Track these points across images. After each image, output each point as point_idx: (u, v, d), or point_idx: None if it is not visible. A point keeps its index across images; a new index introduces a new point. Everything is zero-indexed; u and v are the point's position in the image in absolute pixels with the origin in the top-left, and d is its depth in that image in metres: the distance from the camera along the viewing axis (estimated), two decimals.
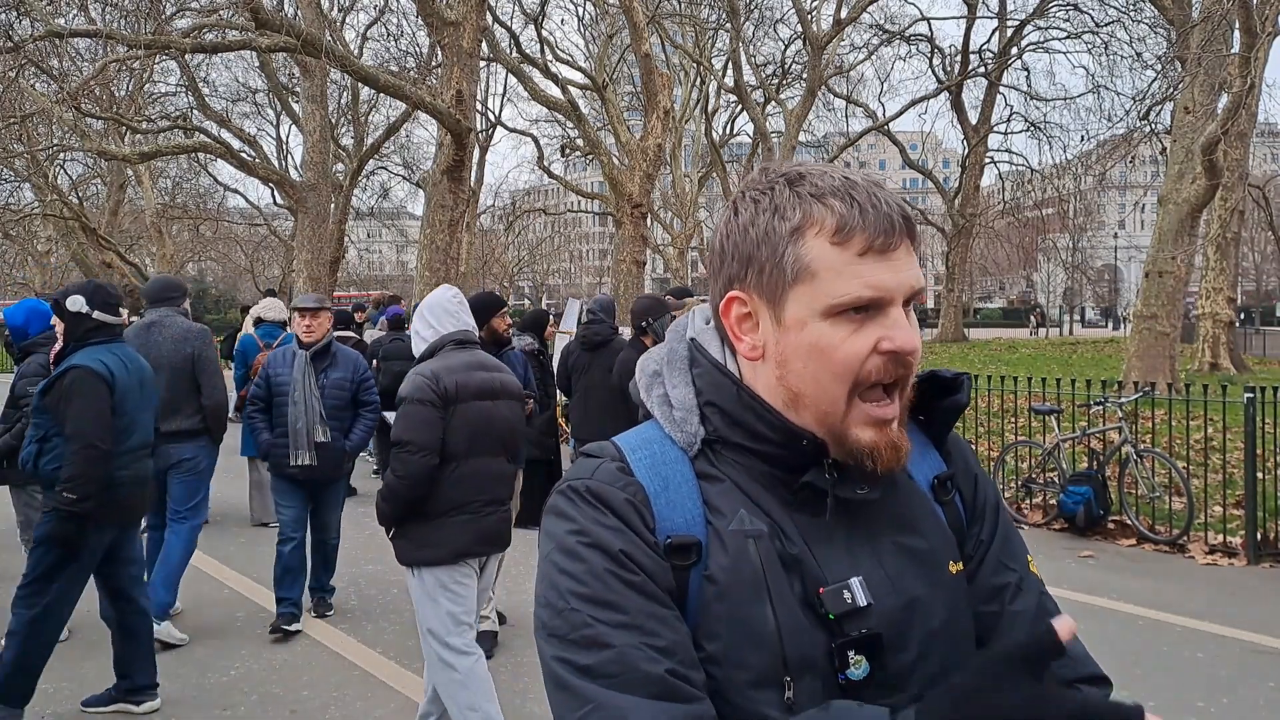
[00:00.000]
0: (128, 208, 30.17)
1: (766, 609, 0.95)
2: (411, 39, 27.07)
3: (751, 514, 1.00)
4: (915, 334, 0.98)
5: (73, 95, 15.60)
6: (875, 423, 0.98)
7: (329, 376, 5.46)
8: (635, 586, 0.95)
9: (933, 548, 1.04)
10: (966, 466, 1.14)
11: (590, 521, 0.98)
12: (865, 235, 0.96)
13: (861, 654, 0.96)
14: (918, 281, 0.99)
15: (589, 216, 66.45)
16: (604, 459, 1.04)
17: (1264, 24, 11.81)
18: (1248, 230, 32.49)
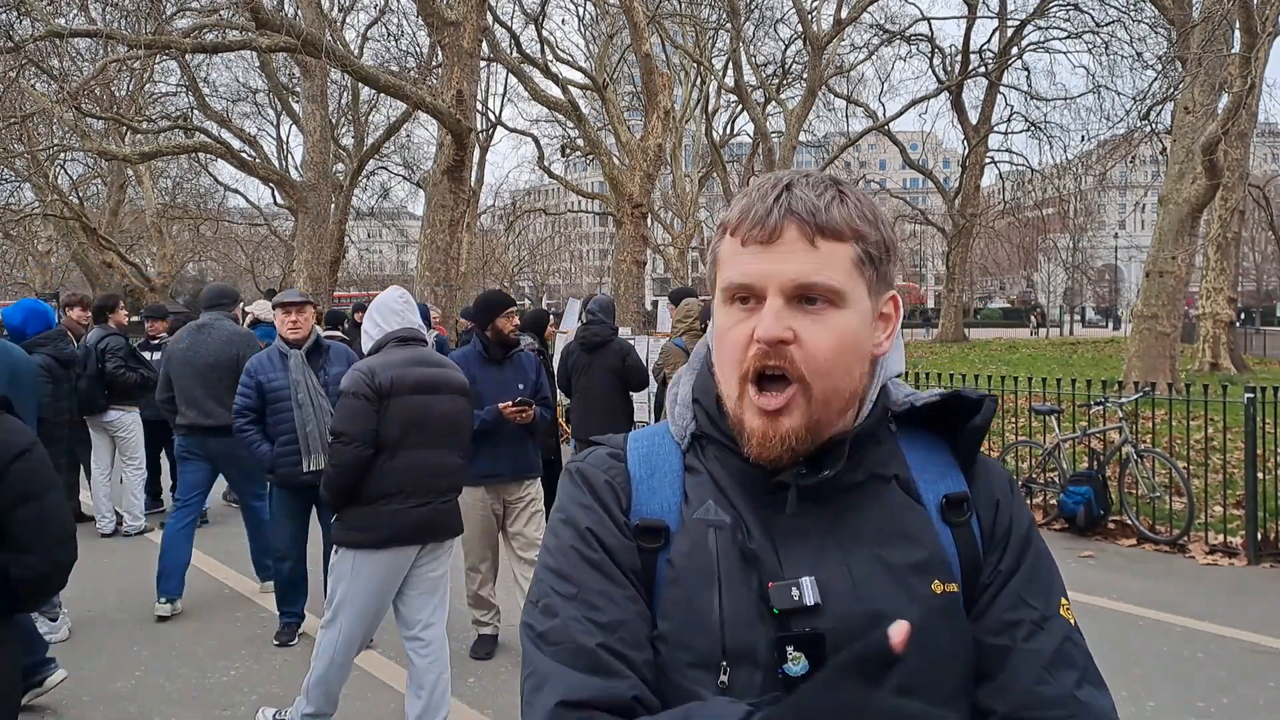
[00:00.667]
0: (128, 208, 30.16)
1: (714, 596, 1.01)
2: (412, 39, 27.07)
3: (720, 506, 1.05)
4: (774, 323, 0.98)
5: (73, 95, 15.60)
6: (760, 412, 1.01)
7: (328, 373, 5.11)
8: (592, 563, 1.04)
9: (915, 563, 1.03)
10: (989, 493, 1.11)
11: (570, 500, 1.10)
12: (745, 226, 1.01)
13: (801, 651, 0.97)
14: (801, 274, 0.98)
15: (589, 216, 66.44)
16: (603, 446, 1.15)
17: (1264, 24, 11.80)
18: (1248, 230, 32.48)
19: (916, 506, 1.07)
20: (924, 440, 1.13)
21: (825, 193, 1.02)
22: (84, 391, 7.21)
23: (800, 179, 1.03)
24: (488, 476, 4.95)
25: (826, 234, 1.00)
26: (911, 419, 1.13)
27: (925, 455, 1.11)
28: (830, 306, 1.00)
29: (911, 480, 1.09)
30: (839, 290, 1.00)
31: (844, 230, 1.01)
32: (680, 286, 12.54)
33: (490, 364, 5.09)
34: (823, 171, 1.07)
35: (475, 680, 4.73)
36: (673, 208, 35.95)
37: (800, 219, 0.99)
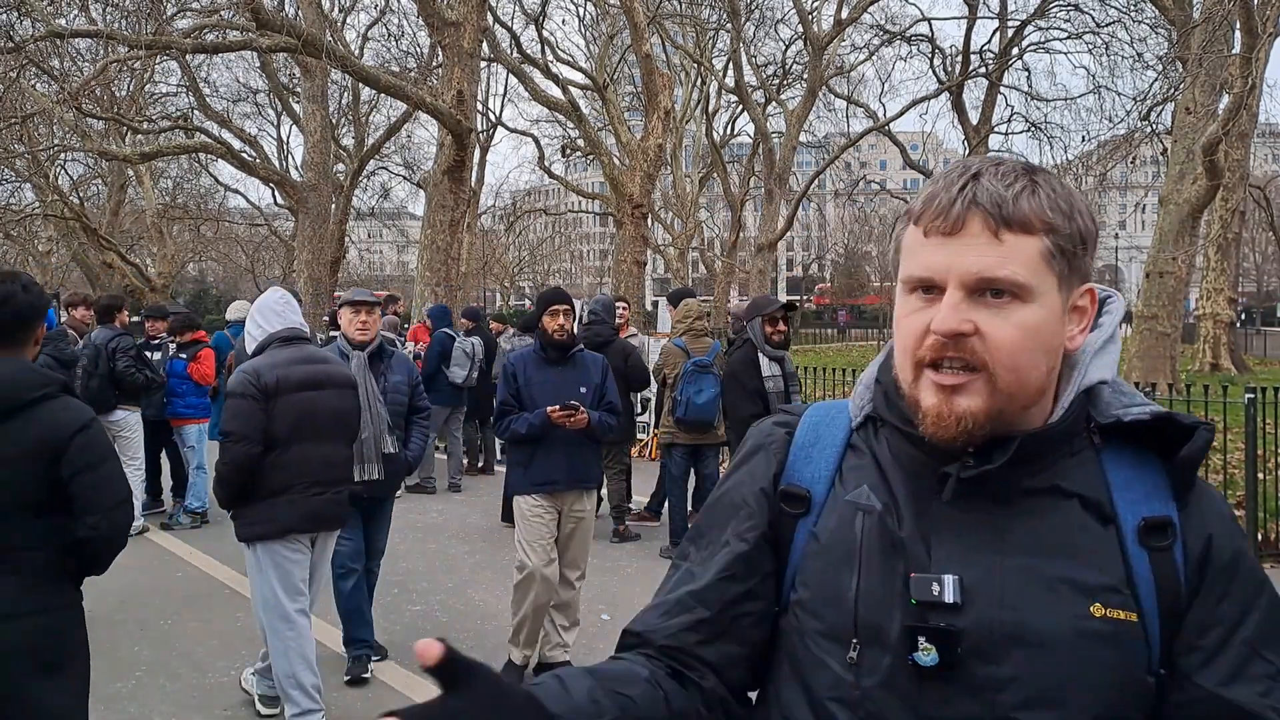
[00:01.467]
0: (128, 208, 30.14)
1: (853, 575, 1.04)
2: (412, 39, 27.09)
3: (875, 491, 1.07)
4: (952, 316, 0.97)
5: (74, 95, 15.61)
6: (935, 388, 1.00)
7: (388, 381, 4.85)
8: (717, 523, 1.15)
9: (1075, 581, 0.99)
10: (1201, 523, 1.02)
11: (738, 460, 1.20)
12: (927, 217, 1.00)
13: (933, 644, 0.98)
14: (982, 268, 0.96)
15: (590, 217, 66.44)
16: (781, 413, 1.22)
17: (1265, 24, 11.79)
18: (1248, 231, 32.47)
19: (1097, 527, 1.01)
20: (1133, 456, 1.05)
21: (1015, 182, 0.99)
22: (95, 390, 7.21)
23: (990, 167, 1.01)
24: (542, 484, 4.67)
25: (1013, 226, 0.97)
26: (1122, 431, 1.05)
27: (1132, 473, 1.04)
28: (1015, 300, 0.97)
29: (1106, 500, 1.02)
30: (1024, 284, 0.97)
31: (1033, 222, 0.97)
32: (680, 287, 12.54)
33: (548, 365, 4.82)
34: (1010, 162, 1.04)
35: None
36: (673, 208, 35.94)
37: (985, 210, 0.97)
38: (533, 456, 4.66)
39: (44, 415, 2.56)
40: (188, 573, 6.68)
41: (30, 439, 2.53)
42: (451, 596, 6.20)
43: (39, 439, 2.53)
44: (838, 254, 67.66)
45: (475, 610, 5.84)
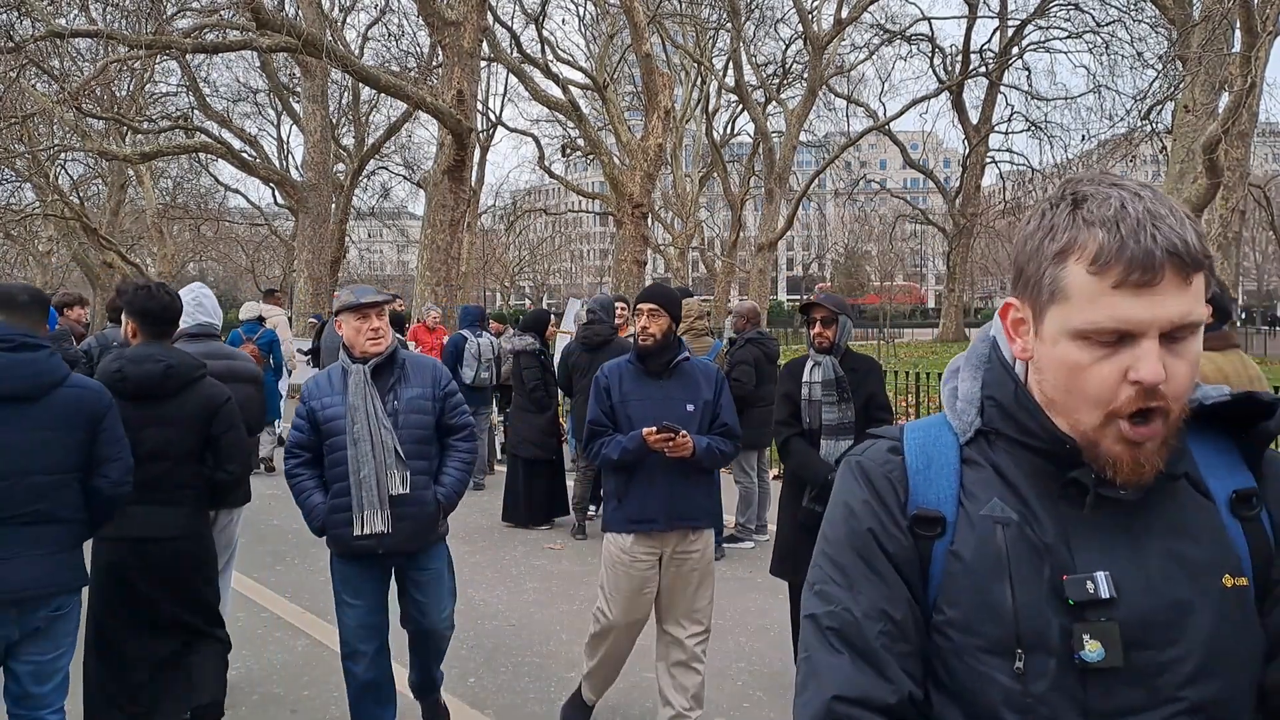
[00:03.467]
0: (129, 208, 30.15)
1: (1006, 587, 1.06)
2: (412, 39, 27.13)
3: (1006, 501, 1.09)
4: (1160, 367, 0.98)
5: (74, 95, 15.61)
6: (1127, 441, 1.02)
7: (401, 397, 3.72)
8: (868, 562, 1.11)
9: (1206, 558, 1.06)
10: (1278, 489, 1.13)
11: (850, 494, 1.17)
12: (1120, 269, 0.98)
13: (1097, 639, 1.02)
14: (1181, 316, 0.98)
15: (590, 216, 66.46)
16: (882, 439, 1.21)
17: (1265, 23, 11.79)
18: (1249, 230, 32.47)
19: (1206, 503, 1.09)
20: (1211, 437, 1.14)
21: (1183, 221, 1.01)
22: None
23: (1154, 205, 1.01)
24: (636, 522, 3.82)
25: (1195, 267, 0.99)
26: (1199, 416, 1.12)
27: (1213, 451, 1.13)
28: (1191, 336, 1.01)
29: (1200, 478, 1.10)
30: (1202, 321, 1.02)
31: (1203, 259, 1.00)
32: (679, 286, 12.54)
33: (648, 377, 3.96)
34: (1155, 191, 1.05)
35: (475, 680, 4.72)
36: (673, 208, 35.95)
37: (1178, 259, 0.98)
38: (628, 487, 3.85)
39: (204, 388, 3.51)
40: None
41: (197, 405, 3.46)
42: None
43: (202, 406, 3.47)
44: (838, 254, 67.61)
45: (475, 610, 5.84)
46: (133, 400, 3.34)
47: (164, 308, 3.54)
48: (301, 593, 6.01)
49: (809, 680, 1.10)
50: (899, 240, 51.36)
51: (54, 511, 2.99)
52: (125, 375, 3.36)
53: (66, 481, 3.02)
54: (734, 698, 4.47)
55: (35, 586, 2.92)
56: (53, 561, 2.98)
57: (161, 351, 3.48)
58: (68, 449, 3.01)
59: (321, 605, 5.77)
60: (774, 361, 7.19)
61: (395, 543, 3.69)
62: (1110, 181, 1.04)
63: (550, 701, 4.41)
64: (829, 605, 1.11)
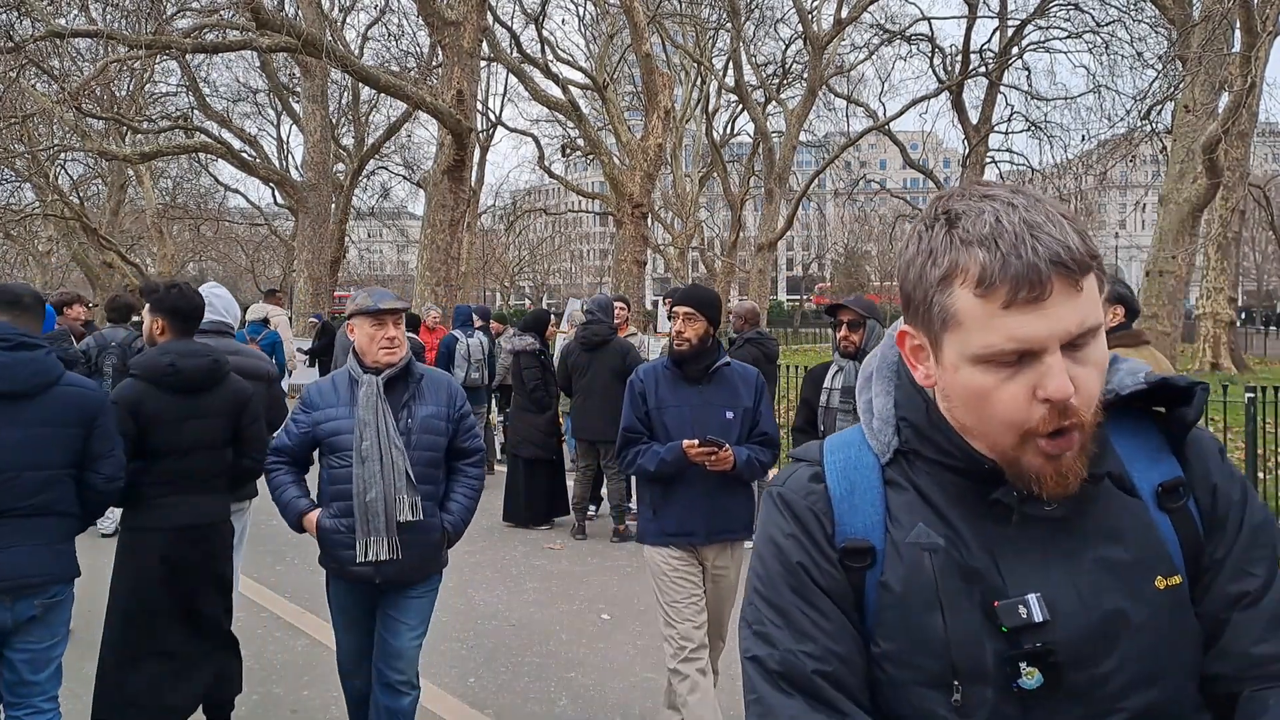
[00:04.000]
0: (128, 208, 30.15)
1: (938, 618, 1.02)
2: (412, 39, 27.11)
3: (932, 525, 1.05)
4: (1067, 381, 0.94)
5: (73, 95, 15.61)
6: (1046, 455, 0.98)
7: (415, 415, 3.43)
8: (803, 596, 1.07)
9: (1137, 560, 1.02)
10: (1205, 475, 1.08)
11: (775, 527, 1.11)
12: (1007, 289, 0.94)
13: (1034, 666, 0.99)
14: (1078, 324, 0.95)
15: (589, 216, 66.45)
16: (801, 464, 1.15)
17: (1264, 23, 11.79)
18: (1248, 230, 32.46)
19: (1131, 501, 1.05)
20: (1131, 424, 1.10)
21: (1061, 224, 0.96)
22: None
23: (1029, 214, 0.96)
24: (675, 535, 3.68)
25: (1083, 271, 0.95)
26: (1116, 404, 1.09)
27: (1134, 441, 1.09)
28: (1093, 340, 0.97)
29: (1124, 473, 1.07)
30: (1101, 324, 0.98)
31: (1089, 261, 0.96)
32: (678, 286, 12.54)
33: (685, 383, 3.79)
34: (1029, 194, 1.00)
35: (475, 680, 4.72)
36: (673, 208, 35.94)
37: (1063, 267, 0.94)
38: (665, 499, 3.69)
39: (233, 383, 3.66)
40: None
41: (229, 399, 3.63)
42: (452, 596, 6.19)
43: (233, 399, 3.64)
44: (838, 253, 67.63)
45: (475, 610, 5.84)
46: (178, 393, 3.47)
47: (195, 306, 3.69)
48: (301, 593, 6.01)
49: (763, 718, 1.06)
50: (899, 240, 51.34)
51: (50, 505, 3.10)
52: (178, 369, 3.47)
53: (61, 477, 3.13)
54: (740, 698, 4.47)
55: (31, 576, 3.02)
56: (49, 552, 3.09)
57: (202, 347, 3.64)
58: (63, 445, 3.11)
59: (321, 605, 5.77)
60: (773, 361, 7.19)
61: (396, 572, 3.40)
62: (981, 194, 0.99)
63: (550, 701, 4.41)
64: (771, 648, 1.06)
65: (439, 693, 4.59)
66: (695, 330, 3.77)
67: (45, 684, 3.16)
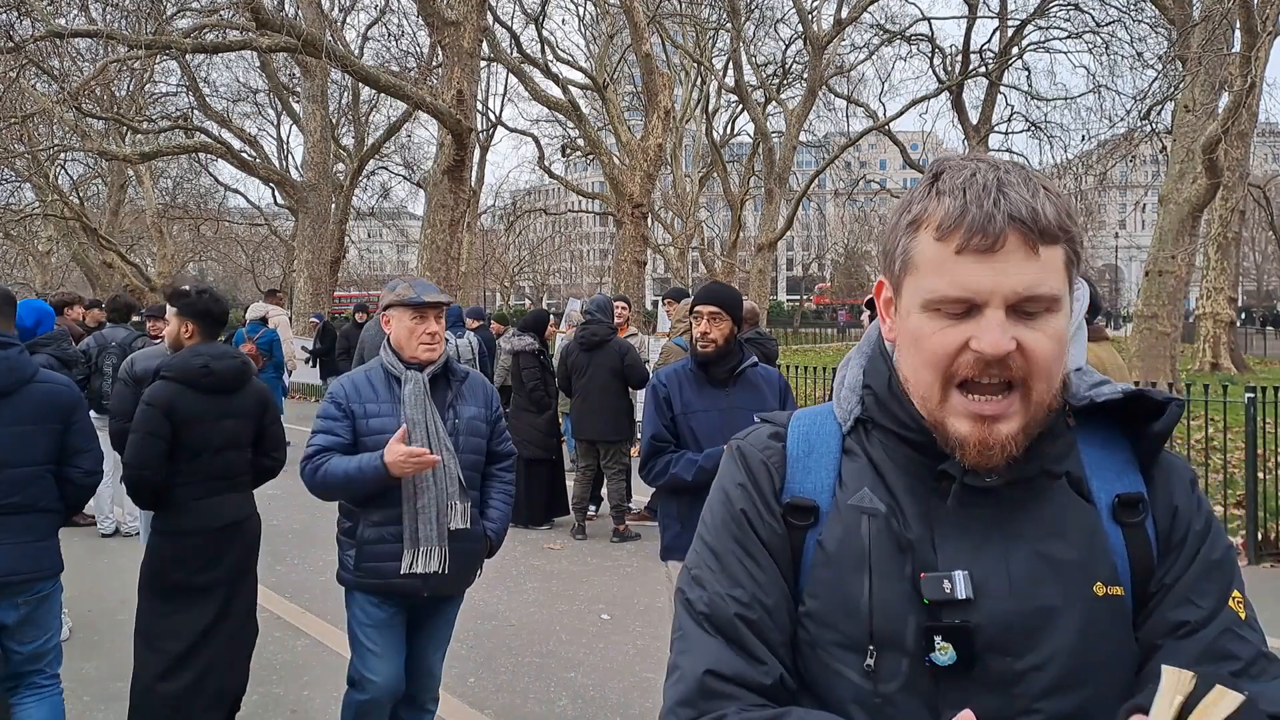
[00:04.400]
0: (128, 208, 30.14)
1: (864, 581, 1.02)
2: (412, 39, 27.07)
3: (877, 493, 1.06)
4: (1001, 338, 0.94)
5: (73, 95, 15.62)
6: (973, 416, 0.98)
7: (461, 415, 3.28)
8: (742, 544, 1.08)
9: (1078, 563, 1.01)
10: (1168, 497, 1.07)
11: (729, 477, 1.14)
12: (960, 233, 0.95)
13: (949, 642, 0.98)
14: (1027, 287, 0.95)
15: (589, 216, 66.43)
16: (767, 425, 1.18)
17: (1264, 23, 11.79)
18: (1248, 230, 32.48)
19: (1085, 505, 1.04)
20: (1102, 435, 1.09)
21: (1036, 192, 0.97)
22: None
23: (1006, 175, 0.98)
24: None
25: (1045, 238, 0.96)
26: (1091, 412, 1.09)
27: (1102, 452, 1.08)
28: (1049, 312, 0.97)
29: (1084, 478, 1.06)
30: (1059, 296, 0.97)
31: (1058, 232, 0.97)
32: (678, 286, 12.54)
33: (710, 386, 3.67)
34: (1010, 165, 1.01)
35: (475, 680, 4.72)
36: (673, 208, 35.94)
37: (1023, 225, 0.95)
38: (692, 509, 3.35)
39: (256, 385, 3.76)
40: None
41: (254, 401, 3.71)
42: None
43: (257, 400, 3.73)
44: (838, 254, 67.64)
45: (475, 610, 5.84)
46: (210, 394, 3.55)
47: (224, 310, 3.81)
48: (301, 593, 6.01)
49: (681, 657, 1.06)
50: None
51: (32, 502, 3.16)
52: (212, 370, 3.54)
53: (41, 473, 3.19)
54: None
55: (18, 573, 3.08)
56: (34, 549, 3.15)
57: (232, 349, 3.83)
58: (42, 442, 3.18)
59: (321, 605, 5.78)
60: (773, 362, 7.19)
61: (442, 585, 3.19)
62: (976, 157, 1.01)
63: (550, 701, 4.41)
64: (702, 590, 1.08)
65: (439, 692, 4.59)
66: (721, 331, 3.64)
67: (45, 665, 3.27)
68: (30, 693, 3.23)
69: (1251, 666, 1.00)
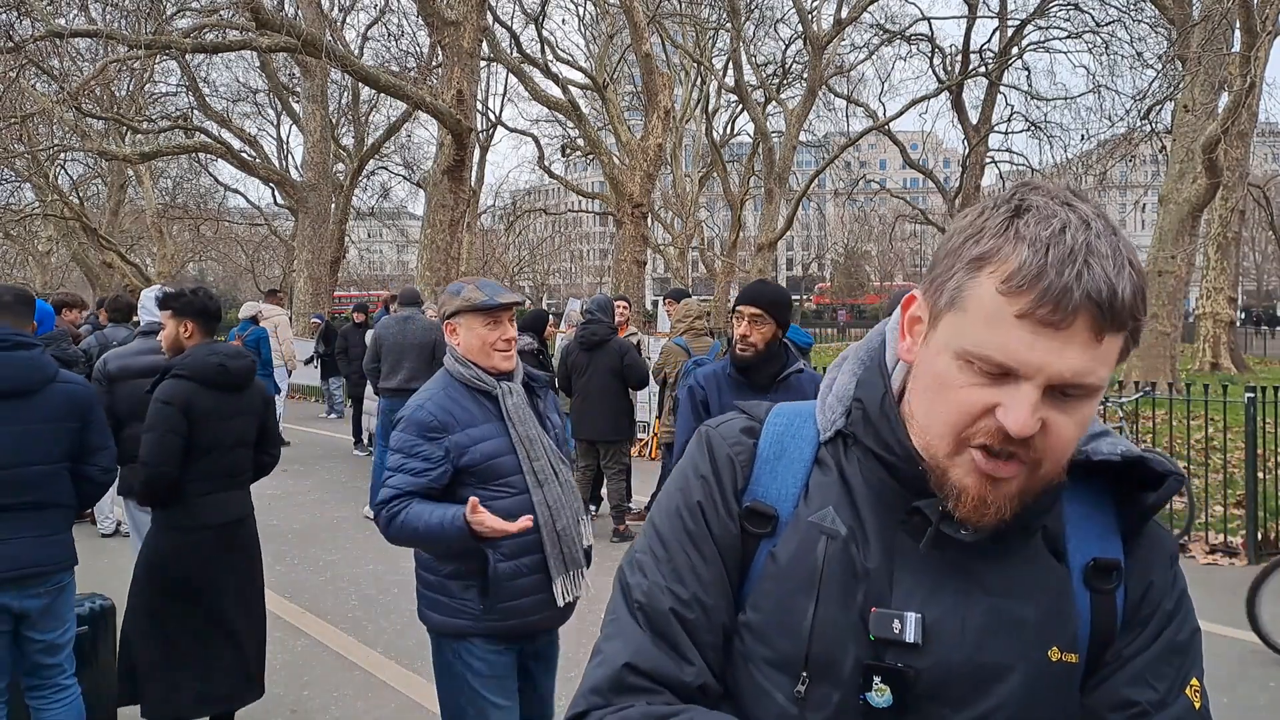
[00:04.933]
0: (128, 208, 30.14)
1: (810, 603, 0.97)
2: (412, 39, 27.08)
3: (842, 513, 1.00)
4: (1029, 419, 0.87)
5: (73, 95, 15.62)
6: (979, 474, 0.92)
7: (555, 425, 3.04)
8: (692, 537, 1.03)
9: (1039, 623, 0.96)
10: (1145, 568, 1.01)
11: (691, 464, 1.07)
12: (1030, 298, 0.86)
13: (888, 684, 0.94)
14: (1076, 374, 0.87)
15: (589, 216, 66.42)
16: (742, 416, 1.11)
17: (1264, 23, 11.79)
18: (1248, 230, 32.47)
19: (1056, 565, 0.99)
20: (1091, 494, 1.03)
21: (1122, 268, 0.87)
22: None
23: (1096, 240, 0.87)
24: None
25: (1115, 325, 0.87)
26: (1085, 469, 1.02)
27: (1086, 511, 1.02)
28: (1085, 399, 0.90)
29: (1062, 536, 1.00)
30: (1101, 387, 0.90)
31: (1128, 319, 0.88)
32: (678, 286, 12.54)
33: (751, 390, 3.42)
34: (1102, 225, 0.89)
35: None
36: (673, 208, 35.94)
37: (1098, 310, 0.85)
38: None
39: (257, 385, 3.88)
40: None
41: (259, 399, 3.86)
42: None
43: (261, 398, 3.88)
44: (838, 253, 67.62)
45: None
46: (223, 391, 3.65)
47: (219, 308, 3.91)
48: (301, 593, 6.01)
49: (607, 642, 1.02)
50: (898, 240, 51.35)
51: (51, 499, 3.26)
52: (229, 369, 3.65)
53: (59, 471, 3.29)
54: None
55: (35, 565, 3.19)
56: (51, 541, 3.25)
57: (237, 347, 3.95)
58: (60, 440, 3.27)
59: (321, 605, 5.78)
60: None
61: (566, 614, 2.90)
62: (1064, 199, 0.90)
63: None
64: (643, 577, 1.03)
65: None
66: (762, 334, 3.39)
67: (63, 663, 3.36)
68: (53, 693, 3.32)
69: None
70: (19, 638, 3.25)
